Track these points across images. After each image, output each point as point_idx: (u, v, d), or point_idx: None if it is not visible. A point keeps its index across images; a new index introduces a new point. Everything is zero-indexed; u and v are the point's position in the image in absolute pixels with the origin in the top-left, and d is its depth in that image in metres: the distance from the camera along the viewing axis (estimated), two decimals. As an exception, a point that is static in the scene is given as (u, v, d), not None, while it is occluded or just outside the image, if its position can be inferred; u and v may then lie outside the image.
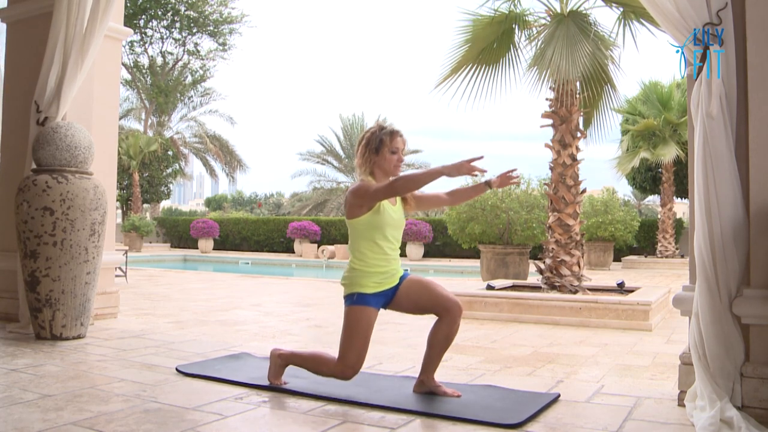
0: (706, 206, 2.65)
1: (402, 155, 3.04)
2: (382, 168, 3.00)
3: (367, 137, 3.02)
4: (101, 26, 4.61)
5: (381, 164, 2.99)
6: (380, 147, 2.98)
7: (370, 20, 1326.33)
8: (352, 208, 2.96)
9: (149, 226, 21.25)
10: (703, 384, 2.60)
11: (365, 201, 2.91)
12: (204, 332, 5.11)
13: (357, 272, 2.96)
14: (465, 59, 7.29)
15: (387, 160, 2.98)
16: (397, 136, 3.01)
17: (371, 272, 2.94)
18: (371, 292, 2.93)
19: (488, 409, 2.74)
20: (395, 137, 3.00)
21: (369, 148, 2.99)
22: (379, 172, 3.00)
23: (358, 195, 2.93)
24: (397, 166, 3.01)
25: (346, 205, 2.99)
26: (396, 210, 3.03)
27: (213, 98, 32.81)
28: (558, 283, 6.87)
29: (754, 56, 2.71)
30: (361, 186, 2.94)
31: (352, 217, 2.97)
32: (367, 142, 3.01)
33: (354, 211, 2.95)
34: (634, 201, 38.66)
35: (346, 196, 2.99)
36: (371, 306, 2.93)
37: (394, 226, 3.00)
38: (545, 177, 8.55)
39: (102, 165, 5.02)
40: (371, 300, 2.93)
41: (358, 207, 2.93)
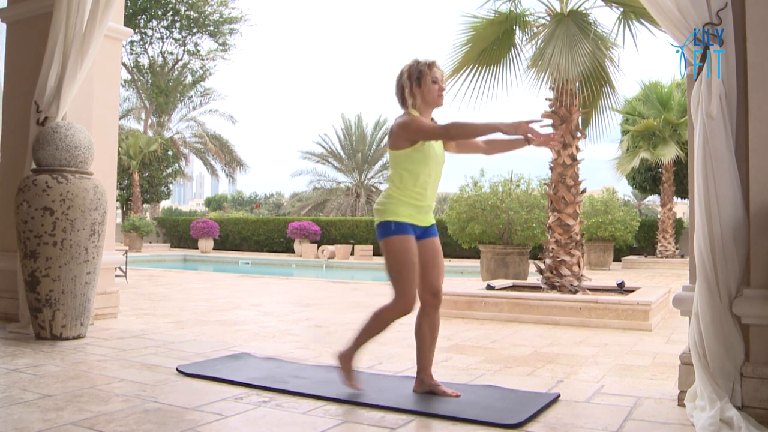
0: (706, 206, 2.65)
1: (443, 85, 2.98)
2: (426, 99, 2.94)
3: (406, 71, 2.97)
4: (101, 26, 4.62)
5: (424, 95, 2.94)
6: (421, 77, 2.93)
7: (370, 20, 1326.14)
8: (398, 139, 2.90)
9: (149, 226, 21.25)
10: (703, 384, 2.61)
11: (415, 136, 2.86)
12: (204, 332, 5.11)
13: (393, 199, 2.91)
14: (466, 60, 7.29)
15: (430, 90, 2.93)
16: (435, 66, 2.96)
17: (407, 202, 2.90)
18: (407, 221, 2.89)
19: (488, 409, 2.74)
20: (434, 67, 2.96)
21: (412, 80, 2.94)
22: (422, 104, 2.95)
23: (407, 129, 2.88)
24: (440, 96, 2.97)
25: (391, 135, 2.93)
26: (439, 146, 2.99)
27: (213, 98, 32.85)
28: (558, 283, 6.87)
29: (754, 56, 2.71)
30: (412, 120, 2.88)
31: (396, 148, 2.91)
32: (409, 75, 2.95)
33: (399, 143, 2.90)
34: (634, 201, 38.66)
35: (392, 127, 2.94)
36: (410, 233, 2.88)
37: (437, 162, 2.96)
38: (545, 177, 8.54)
39: (102, 165, 5.02)
40: (408, 228, 2.89)
41: (405, 140, 2.88)
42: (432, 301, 2.94)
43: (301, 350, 4.26)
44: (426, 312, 2.95)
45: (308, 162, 31.41)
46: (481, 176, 11.89)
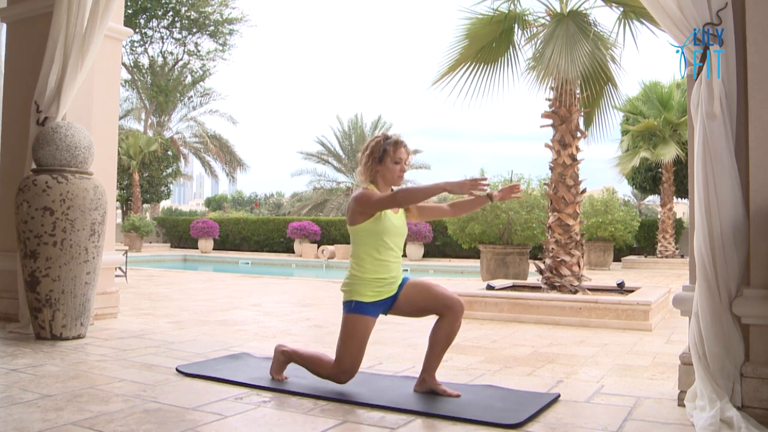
0: (706, 206, 2.65)
1: (405, 166, 3.05)
2: (385, 177, 3.02)
3: (372, 146, 3.04)
4: (101, 26, 4.61)
5: (384, 174, 3.02)
6: (383, 157, 3.00)
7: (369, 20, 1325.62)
8: (353, 214, 2.98)
9: (149, 226, 21.24)
10: (703, 384, 2.60)
11: (366, 209, 2.94)
12: (204, 332, 5.11)
13: (356, 279, 2.98)
14: (464, 57, 7.29)
15: (390, 170, 3.01)
16: (401, 147, 3.03)
17: (370, 279, 2.96)
18: (369, 301, 2.96)
19: (488, 409, 2.73)
20: (399, 147, 3.02)
21: (373, 157, 3.02)
22: (381, 181, 3.03)
23: (360, 203, 2.96)
24: (400, 177, 3.05)
25: (348, 211, 3.01)
26: (398, 218, 3.06)
27: (213, 98, 32.85)
28: (558, 283, 6.87)
29: (754, 56, 2.71)
30: (363, 194, 2.96)
31: (354, 223, 2.99)
32: (371, 151, 3.03)
33: (355, 218, 2.98)
34: (634, 201, 38.66)
35: (349, 202, 3.01)
36: (369, 315, 2.97)
37: (396, 234, 3.02)
38: (545, 177, 8.55)
39: (102, 165, 5.02)
40: (369, 309, 2.97)
41: (360, 214, 2.96)
42: (458, 308, 2.95)
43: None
44: (448, 319, 2.95)
45: (308, 162, 31.41)
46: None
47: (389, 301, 3.03)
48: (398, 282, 3.05)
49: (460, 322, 2.98)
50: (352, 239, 3.05)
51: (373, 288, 2.96)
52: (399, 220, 3.06)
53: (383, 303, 3.01)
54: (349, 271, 3.04)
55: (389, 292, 3.01)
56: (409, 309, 3.04)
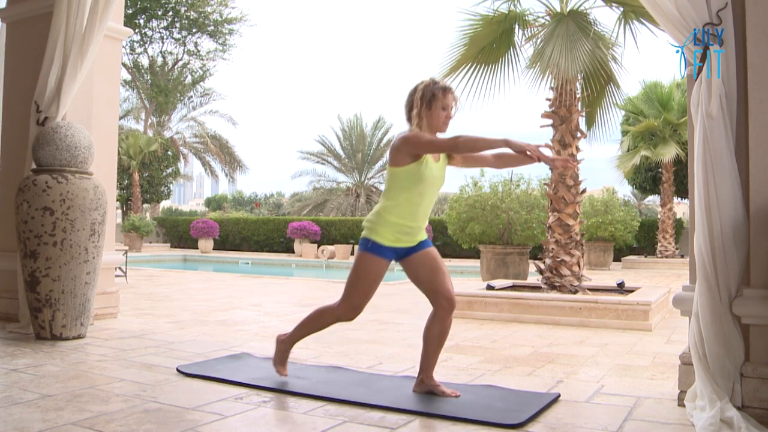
0: (706, 206, 2.65)
1: (451, 113, 2.96)
2: (431, 124, 2.92)
3: (421, 89, 2.94)
4: (101, 26, 4.61)
5: (430, 120, 2.92)
6: (432, 101, 2.91)
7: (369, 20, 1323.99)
8: (398, 154, 2.88)
9: (149, 226, 21.24)
10: (703, 384, 2.60)
11: (418, 149, 2.85)
12: (204, 332, 5.11)
13: (381, 219, 2.92)
14: (464, 58, 7.29)
15: (437, 117, 2.92)
16: (450, 93, 2.95)
17: (394, 222, 2.91)
18: (387, 245, 2.92)
19: (488, 409, 2.73)
20: (448, 93, 2.94)
21: (423, 101, 2.91)
22: (427, 127, 2.93)
23: (410, 143, 2.86)
24: (445, 124, 2.95)
25: (392, 151, 2.91)
26: (438, 167, 2.96)
27: (213, 98, 32.86)
28: (558, 283, 6.87)
29: (754, 56, 2.71)
30: (416, 134, 2.87)
31: (397, 165, 2.89)
32: (422, 95, 2.92)
33: (400, 158, 2.88)
34: (634, 201, 38.65)
35: (394, 142, 2.92)
36: (383, 257, 2.92)
37: (434, 184, 2.94)
38: (545, 177, 8.55)
39: (102, 165, 5.02)
40: (385, 251, 2.92)
41: (407, 154, 2.87)
42: (447, 306, 2.94)
43: (301, 350, 4.25)
44: (439, 315, 2.95)
45: (308, 162, 31.41)
46: (481, 176, 11.89)
47: (403, 252, 2.97)
48: (419, 235, 2.98)
49: (451, 320, 2.96)
50: (388, 179, 2.96)
51: (394, 232, 2.91)
52: (439, 170, 2.97)
53: (398, 250, 2.96)
54: (376, 209, 2.97)
55: (408, 243, 2.96)
56: (413, 272, 2.99)
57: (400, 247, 2.96)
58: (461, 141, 2.76)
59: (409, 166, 2.88)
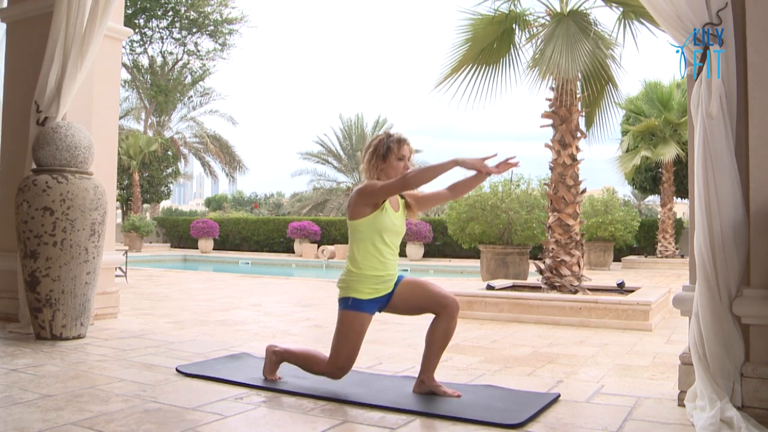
0: (706, 206, 2.65)
1: (408, 163, 3.04)
2: (388, 175, 3.00)
3: (375, 144, 3.04)
4: (101, 26, 4.61)
5: (387, 171, 3.00)
6: (387, 154, 2.99)
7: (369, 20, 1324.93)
8: (356, 207, 2.96)
9: (149, 226, 21.24)
10: (703, 384, 2.60)
11: (374, 197, 2.91)
12: (204, 332, 5.11)
13: (354, 276, 2.98)
14: (465, 59, 7.29)
15: (393, 168, 2.99)
16: (405, 144, 3.02)
17: (367, 276, 2.96)
18: (366, 298, 2.96)
19: (488, 409, 2.73)
20: (402, 145, 3.01)
21: (376, 155, 3.01)
22: (384, 179, 3.01)
23: (365, 193, 2.93)
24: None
25: (350, 205, 2.99)
26: (398, 216, 3.05)
27: (213, 98, 32.84)
28: (558, 283, 6.87)
29: (754, 56, 2.71)
30: (368, 184, 2.94)
31: (355, 217, 2.97)
32: (375, 149, 3.02)
33: (358, 211, 2.95)
34: (634, 201, 38.65)
35: (351, 196, 2.99)
36: (365, 312, 2.97)
37: (395, 232, 3.02)
38: (545, 177, 8.55)
39: (102, 165, 5.02)
40: (366, 306, 2.96)
41: (363, 206, 2.94)
42: (453, 306, 2.95)
43: (301, 348, 4.25)
44: (445, 318, 2.95)
45: (308, 162, 31.39)
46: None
47: (385, 299, 3.02)
48: (394, 279, 3.04)
49: (456, 321, 2.97)
50: (350, 235, 3.04)
51: (370, 285, 2.96)
52: (399, 219, 3.05)
53: (379, 300, 3.00)
54: (346, 268, 3.04)
55: (386, 290, 3.01)
56: (405, 307, 3.03)
57: (381, 296, 3.00)
58: (410, 176, 2.84)
59: (368, 217, 2.94)
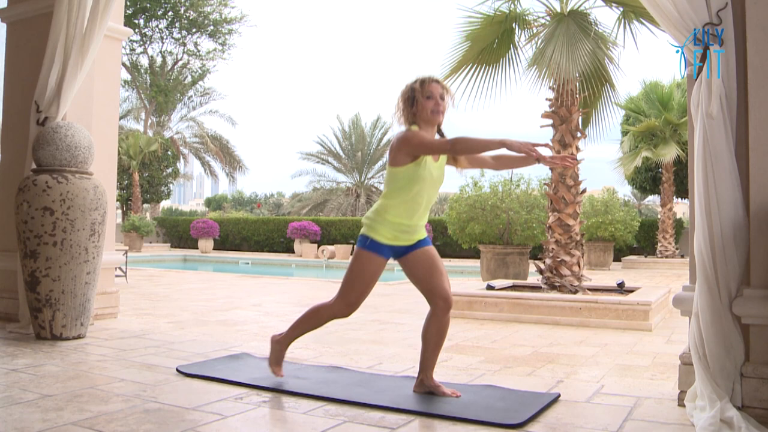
0: (706, 206, 2.65)
1: (440, 101, 2.93)
2: (423, 117, 2.92)
3: (402, 92, 2.98)
4: (101, 26, 4.61)
5: (420, 114, 2.92)
6: (413, 95, 2.93)
7: (369, 20, 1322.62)
8: (398, 154, 2.88)
9: (149, 226, 21.25)
10: (703, 384, 2.60)
11: (417, 150, 2.84)
12: (204, 332, 5.11)
13: (380, 217, 2.93)
14: (465, 59, 7.29)
15: (423, 108, 2.91)
16: (431, 83, 2.93)
17: (393, 221, 2.91)
18: (385, 242, 2.92)
19: (488, 409, 2.73)
20: (427, 84, 2.93)
21: (405, 102, 2.94)
22: (420, 122, 2.94)
23: (409, 143, 2.85)
24: (435, 111, 2.92)
25: (392, 150, 2.91)
26: (437, 167, 2.96)
27: (213, 98, 32.87)
28: (558, 283, 6.87)
29: (754, 56, 2.71)
30: (414, 135, 2.86)
31: (396, 165, 2.89)
32: (404, 98, 2.96)
33: (399, 159, 2.88)
34: (634, 201, 38.65)
35: (393, 141, 2.91)
36: (381, 255, 2.93)
37: (433, 184, 2.95)
38: (545, 177, 8.55)
39: (102, 165, 5.02)
40: (383, 249, 2.93)
41: (405, 154, 2.86)
42: (443, 305, 2.94)
43: (300, 350, 4.25)
44: (436, 315, 2.95)
45: (308, 162, 31.42)
46: (481, 176, 11.89)
47: (401, 250, 2.98)
48: (418, 234, 2.98)
49: (449, 318, 2.96)
50: (387, 179, 2.96)
51: (392, 230, 2.92)
52: (438, 170, 2.97)
53: (396, 249, 2.97)
54: (375, 207, 2.98)
55: (406, 241, 2.96)
56: (410, 270, 2.99)
57: (399, 246, 2.97)
58: (458, 143, 2.77)
59: (408, 166, 2.88)
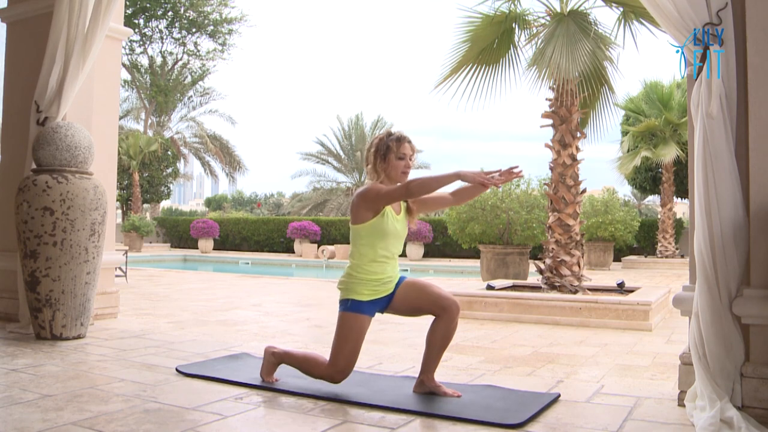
0: (706, 206, 2.65)
1: (410, 162, 3.02)
2: (390, 175, 2.99)
3: (376, 143, 3.03)
4: (103, 26, 4.61)
5: (388, 171, 2.99)
6: (387, 153, 2.98)
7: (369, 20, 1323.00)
8: (359, 211, 2.95)
9: (149, 226, 21.24)
10: (703, 384, 2.60)
11: (377, 203, 2.91)
12: (204, 332, 5.11)
13: (353, 278, 2.97)
14: (465, 59, 7.29)
15: (393, 166, 2.98)
16: (405, 142, 3.00)
17: (367, 279, 2.95)
18: (366, 300, 2.95)
19: (489, 409, 2.73)
20: (402, 143, 2.99)
21: (378, 155, 2.99)
22: (386, 179, 3.00)
23: (368, 197, 2.92)
24: (405, 173, 3.00)
25: (353, 208, 2.97)
26: (399, 220, 3.03)
27: (213, 98, 32.85)
28: (558, 283, 6.87)
29: (754, 56, 2.71)
30: (372, 188, 2.93)
31: (358, 221, 2.96)
32: (376, 149, 3.01)
33: (360, 215, 2.94)
34: (634, 201, 38.65)
35: (353, 199, 2.98)
36: (365, 314, 2.96)
37: (396, 236, 3.01)
38: (545, 177, 8.55)
39: (102, 165, 5.02)
40: (365, 307, 2.96)
41: (366, 210, 2.93)
42: (454, 308, 2.94)
43: (301, 350, 4.25)
44: (445, 319, 2.95)
45: (308, 162, 31.41)
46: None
47: (385, 300, 3.02)
48: (395, 281, 3.04)
49: (457, 323, 2.97)
50: (352, 238, 3.03)
51: (369, 287, 2.96)
52: (401, 223, 3.04)
53: (379, 302, 3.00)
54: (346, 270, 3.03)
55: (386, 291, 3.00)
56: (405, 308, 3.03)
57: (382, 298, 3.00)
58: (413, 184, 2.84)
59: (371, 222, 2.93)
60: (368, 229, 2.94)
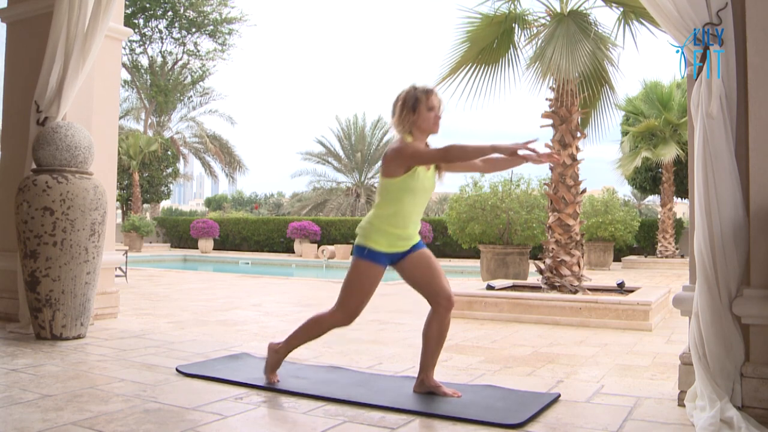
0: (706, 206, 2.65)
1: (439, 113, 2.98)
2: (420, 127, 2.94)
3: (403, 96, 2.97)
4: (102, 26, 4.62)
5: (419, 123, 2.94)
6: (417, 105, 2.93)
7: (369, 20, 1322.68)
8: (391, 166, 2.90)
9: (149, 226, 21.24)
10: (703, 384, 2.61)
11: (412, 162, 2.87)
12: (204, 332, 5.11)
13: (374, 227, 2.95)
14: (465, 59, 7.29)
15: (424, 118, 2.93)
16: (433, 94, 2.96)
17: (388, 231, 2.93)
18: (383, 250, 2.93)
19: (489, 409, 2.73)
20: (431, 94, 2.95)
21: (406, 107, 2.94)
22: (417, 131, 2.95)
23: (404, 155, 2.87)
24: (436, 124, 2.97)
25: (385, 161, 2.92)
26: (429, 177, 2.99)
27: (213, 98, 32.85)
28: (558, 283, 6.87)
29: (754, 56, 2.71)
30: (407, 146, 2.88)
31: (389, 176, 2.91)
32: (404, 101, 2.95)
33: (393, 170, 2.90)
34: (634, 201, 38.65)
35: (387, 152, 2.92)
36: (379, 263, 2.94)
37: (425, 193, 2.98)
38: (545, 177, 8.54)
39: (102, 165, 5.02)
40: (381, 257, 2.94)
41: (398, 166, 2.88)
42: (446, 304, 2.95)
43: (300, 350, 4.25)
44: (438, 315, 2.96)
45: (308, 162, 31.41)
46: (481, 176, 11.88)
47: (398, 256, 2.99)
48: (413, 241, 3.01)
49: (450, 318, 2.97)
50: (380, 189, 2.98)
51: (388, 239, 2.93)
52: (430, 179, 3.00)
53: (393, 256, 2.98)
54: (368, 216, 3.00)
55: (402, 248, 2.98)
56: (409, 275, 3.01)
57: (395, 252, 2.98)
58: (452, 150, 2.80)
59: (401, 178, 2.90)
60: (399, 184, 2.90)
